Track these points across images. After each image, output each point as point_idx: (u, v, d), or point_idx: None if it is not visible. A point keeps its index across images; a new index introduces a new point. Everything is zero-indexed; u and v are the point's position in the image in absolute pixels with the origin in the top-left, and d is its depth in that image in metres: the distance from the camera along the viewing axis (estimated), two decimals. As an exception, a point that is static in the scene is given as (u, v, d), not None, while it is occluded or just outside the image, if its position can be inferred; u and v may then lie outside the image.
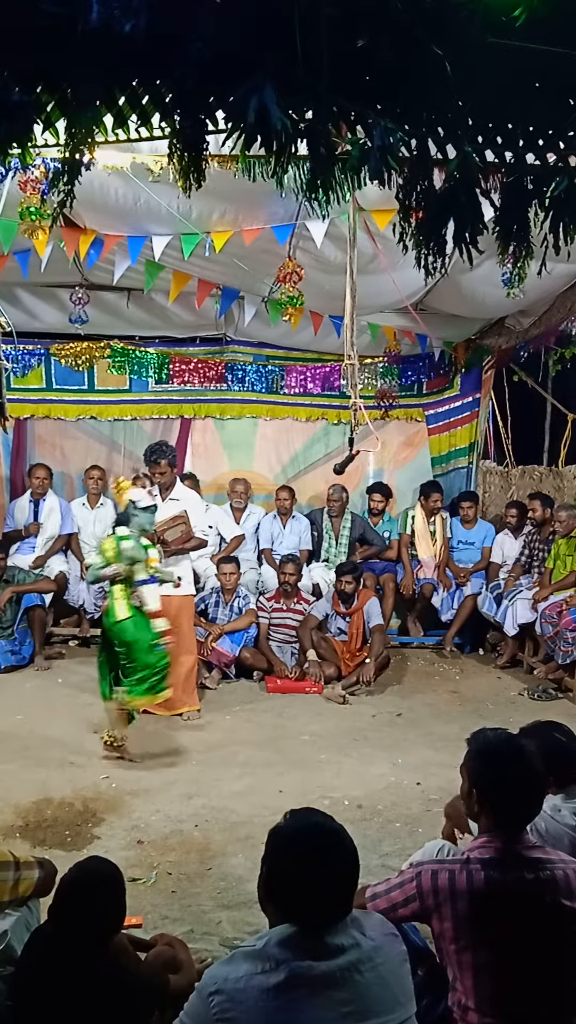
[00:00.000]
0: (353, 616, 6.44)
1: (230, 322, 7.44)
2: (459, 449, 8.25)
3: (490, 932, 1.96)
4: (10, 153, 2.19)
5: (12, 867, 2.40)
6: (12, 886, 2.38)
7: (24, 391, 7.56)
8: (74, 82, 1.94)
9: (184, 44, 1.80)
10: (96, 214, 5.04)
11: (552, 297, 6.47)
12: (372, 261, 5.27)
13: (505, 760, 2.13)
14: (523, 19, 1.81)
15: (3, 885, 2.36)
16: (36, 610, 6.54)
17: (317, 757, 4.95)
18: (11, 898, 2.38)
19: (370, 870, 3.33)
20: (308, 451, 8.09)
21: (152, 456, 5.52)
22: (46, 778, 4.47)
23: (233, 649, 6.34)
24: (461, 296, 6.34)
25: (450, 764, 3.43)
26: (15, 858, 2.44)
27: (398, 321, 7.19)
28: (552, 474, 7.71)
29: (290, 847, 1.77)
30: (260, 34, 1.79)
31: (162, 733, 5.23)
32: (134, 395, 7.78)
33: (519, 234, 2.29)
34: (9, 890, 2.37)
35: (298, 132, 1.99)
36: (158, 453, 5.51)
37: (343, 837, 1.79)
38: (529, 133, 2.10)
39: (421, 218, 2.29)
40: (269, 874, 1.78)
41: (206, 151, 2.13)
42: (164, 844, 3.84)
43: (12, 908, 2.41)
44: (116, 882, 2.22)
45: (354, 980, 1.66)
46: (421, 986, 1.98)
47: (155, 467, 5.53)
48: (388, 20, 1.80)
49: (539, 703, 6.00)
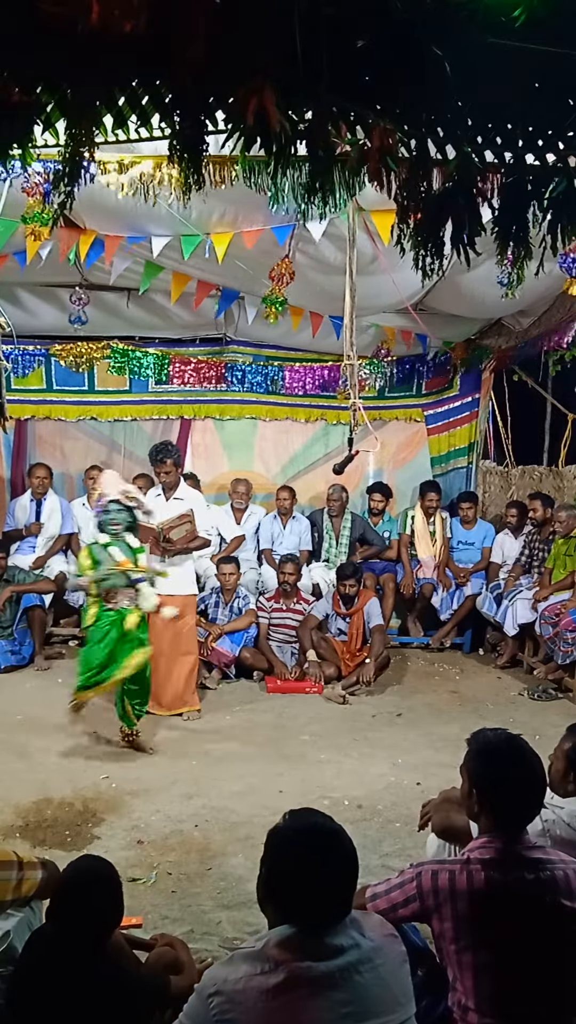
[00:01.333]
0: (353, 616, 6.44)
1: (230, 322, 7.44)
2: (458, 449, 8.25)
3: (490, 932, 1.96)
4: (11, 154, 2.19)
5: (15, 866, 2.39)
6: (15, 885, 2.37)
7: (25, 392, 7.58)
8: (74, 82, 1.94)
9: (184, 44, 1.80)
10: (96, 214, 5.04)
11: (552, 297, 6.47)
12: (372, 262, 5.27)
13: (505, 760, 2.13)
14: (523, 19, 1.81)
15: (5, 884, 2.36)
16: (35, 610, 6.55)
17: (317, 757, 4.95)
18: (13, 897, 2.38)
19: (370, 870, 3.33)
20: (307, 451, 8.10)
21: (158, 456, 5.53)
22: (46, 778, 4.48)
23: (233, 649, 6.34)
24: (461, 296, 6.34)
25: (450, 764, 3.44)
26: (18, 857, 2.44)
27: (398, 321, 7.19)
28: (552, 474, 7.71)
29: (289, 848, 1.76)
30: (260, 34, 1.79)
31: (162, 733, 5.23)
32: (134, 396, 7.78)
33: (518, 235, 2.29)
34: (12, 889, 2.37)
35: (297, 133, 1.99)
36: (164, 452, 5.53)
37: (342, 837, 1.79)
38: (528, 133, 2.10)
39: (419, 219, 2.29)
40: (268, 875, 1.78)
41: (206, 152, 2.13)
42: (164, 844, 3.84)
43: (15, 908, 2.41)
44: (111, 880, 2.21)
45: (353, 981, 1.66)
46: (421, 986, 1.98)
47: (160, 466, 5.54)
48: (388, 20, 1.80)
49: (539, 703, 6.00)
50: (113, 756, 4.85)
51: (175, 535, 5.29)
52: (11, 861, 2.41)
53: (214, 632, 6.32)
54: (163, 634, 5.45)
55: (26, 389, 7.59)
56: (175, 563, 5.43)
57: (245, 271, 5.69)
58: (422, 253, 2.35)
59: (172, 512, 5.39)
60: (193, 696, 5.62)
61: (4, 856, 2.42)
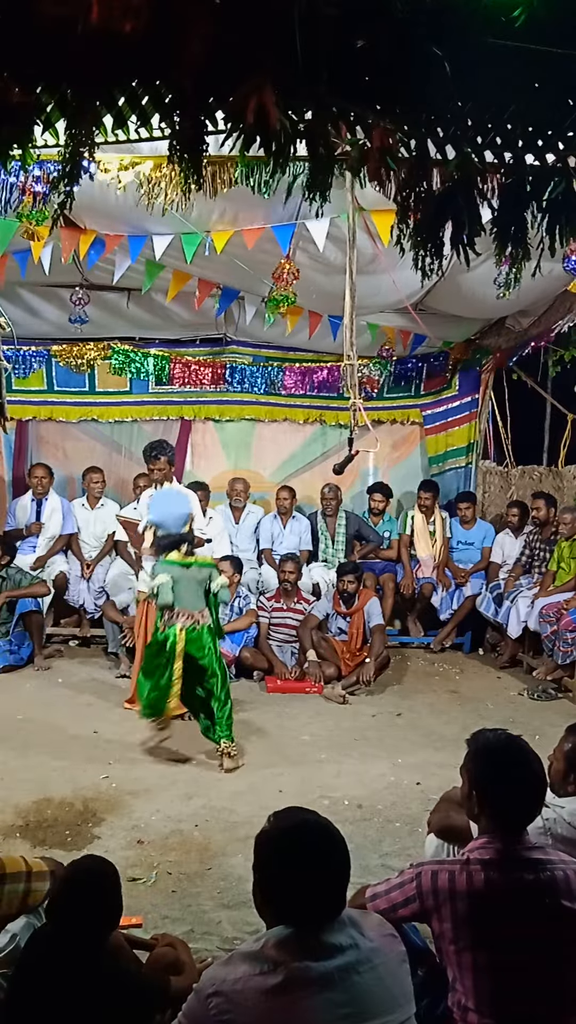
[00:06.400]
0: (353, 616, 6.44)
1: (230, 322, 7.44)
2: (455, 449, 8.24)
3: (490, 933, 1.96)
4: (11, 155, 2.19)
5: (24, 878, 2.35)
6: (21, 898, 2.34)
7: (25, 393, 7.58)
8: (74, 82, 1.94)
9: (184, 44, 1.80)
10: (96, 214, 5.04)
11: (551, 297, 6.47)
12: (372, 262, 5.27)
13: (505, 761, 2.13)
14: (523, 19, 1.81)
15: (12, 896, 2.33)
16: (32, 616, 6.49)
17: (317, 757, 4.95)
18: (19, 910, 2.35)
19: (370, 870, 3.32)
20: (305, 451, 8.12)
21: (151, 453, 5.58)
22: (46, 778, 4.48)
23: (233, 649, 6.34)
24: (461, 296, 6.34)
25: (450, 764, 3.43)
26: (28, 867, 2.39)
27: (398, 321, 7.19)
28: (552, 474, 7.71)
29: (276, 847, 1.76)
30: (260, 34, 1.79)
31: (162, 733, 5.23)
32: (134, 396, 7.79)
33: (516, 236, 2.29)
34: (18, 902, 2.34)
35: (297, 133, 1.99)
36: (157, 450, 5.58)
37: (331, 833, 1.78)
38: (528, 133, 2.10)
39: (419, 219, 2.29)
40: (260, 878, 1.78)
41: (206, 152, 2.13)
42: (164, 844, 3.84)
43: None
44: (109, 879, 2.21)
45: (352, 981, 1.65)
46: (421, 986, 1.98)
47: (154, 463, 5.58)
48: (388, 20, 1.80)
49: (539, 703, 6.01)
50: (113, 756, 4.84)
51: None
52: (20, 872, 2.36)
53: (214, 632, 6.32)
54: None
55: (27, 390, 7.60)
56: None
57: (245, 270, 5.69)
58: (422, 253, 2.34)
59: None
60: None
61: (13, 866, 2.37)
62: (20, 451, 7.74)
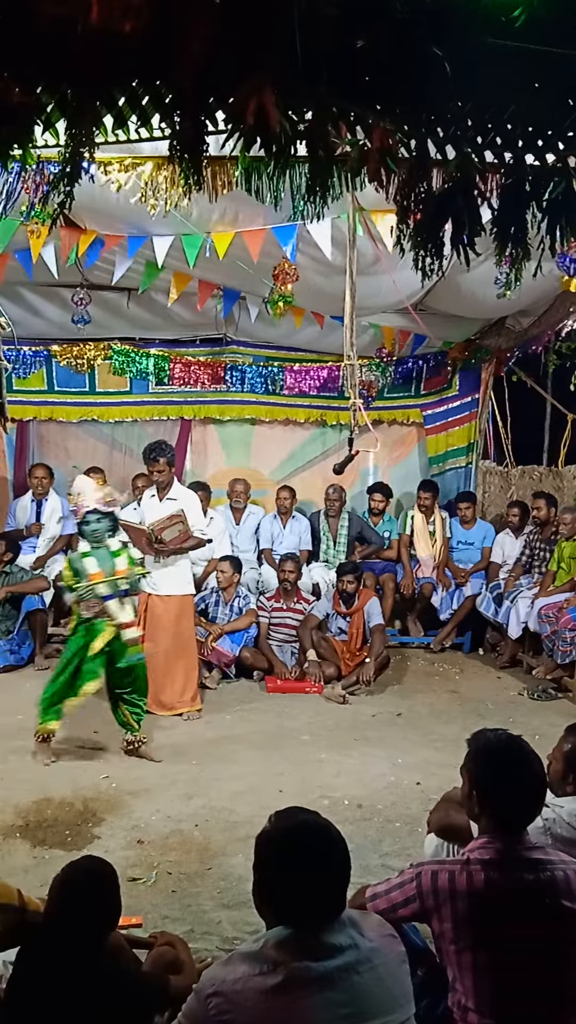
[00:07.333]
0: (353, 616, 6.44)
1: (230, 322, 7.43)
2: (455, 449, 8.24)
3: (490, 933, 1.96)
4: (11, 155, 2.19)
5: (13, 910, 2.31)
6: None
7: (26, 393, 7.58)
8: (74, 82, 1.94)
9: (184, 44, 1.80)
10: (96, 214, 5.04)
11: (551, 297, 6.47)
12: (374, 263, 5.26)
13: (505, 761, 2.13)
14: (523, 19, 1.81)
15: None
16: (37, 614, 6.53)
17: (317, 757, 4.95)
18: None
19: (370, 870, 3.32)
20: (305, 450, 8.12)
21: (151, 454, 5.55)
22: (46, 778, 4.48)
23: (233, 649, 6.34)
24: (461, 297, 6.34)
25: (450, 764, 3.44)
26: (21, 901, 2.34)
27: (398, 321, 7.19)
28: (552, 474, 7.71)
29: (277, 848, 1.76)
30: (260, 34, 1.78)
31: (162, 733, 5.23)
32: (135, 397, 7.79)
33: (516, 236, 2.29)
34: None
35: (297, 133, 1.99)
36: (157, 451, 5.54)
37: (331, 833, 1.78)
38: (528, 133, 2.10)
39: (419, 219, 2.29)
40: (260, 878, 1.78)
41: (206, 152, 2.13)
42: (164, 844, 3.84)
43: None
44: (108, 880, 2.21)
45: (352, 981, 1.65)
46: (421, 986, 1.98)
47: (153, 465, 5.55)
48: (388, 20, 1.80)
49: (539, 703, 6.01)
50: (113, 756, 4.84)
51: (167, 535, 5.27)
52: (11, 905, 2.30)
53: (214, 632, 6.32)
54: (163, 634, 5.46)
55: (27, 390, 7.60)
56: (169, 563, 5.42)
57: (246, 271, 5.69)
58: (422, 253, 2.34)
59: (164, 512, 5.38)
60: (193, 696, 5.62)
61: (6, 898, 2.31)
62: (22, 451, 7.74)
